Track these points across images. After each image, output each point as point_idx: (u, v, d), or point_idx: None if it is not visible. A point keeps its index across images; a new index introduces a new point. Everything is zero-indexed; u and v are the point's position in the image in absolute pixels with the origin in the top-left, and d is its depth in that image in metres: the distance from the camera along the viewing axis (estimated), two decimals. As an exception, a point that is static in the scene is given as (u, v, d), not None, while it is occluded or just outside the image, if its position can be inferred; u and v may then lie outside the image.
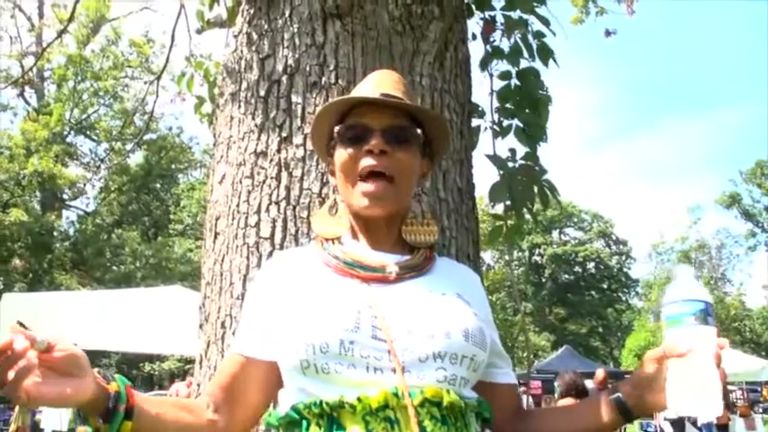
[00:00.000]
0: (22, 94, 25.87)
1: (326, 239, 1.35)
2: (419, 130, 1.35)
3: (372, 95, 1.33)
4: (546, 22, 2.50)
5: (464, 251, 1.90)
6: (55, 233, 25.07)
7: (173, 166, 29.73)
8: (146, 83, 22.52)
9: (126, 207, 28.53)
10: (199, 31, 3.11)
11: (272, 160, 1.86)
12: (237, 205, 1.88)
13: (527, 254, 45.22)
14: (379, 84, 1.37)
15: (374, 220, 1.33)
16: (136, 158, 28.04)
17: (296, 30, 1.96)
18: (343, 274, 1.27)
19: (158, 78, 4.56)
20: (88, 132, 27.57)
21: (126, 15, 25.84)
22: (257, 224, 1.82)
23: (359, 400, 1.10)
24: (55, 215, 25.16)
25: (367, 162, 1.29)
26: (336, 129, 1.35)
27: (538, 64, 2.55)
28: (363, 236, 1.35)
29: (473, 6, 2.46)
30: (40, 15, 25.11)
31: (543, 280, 45.19)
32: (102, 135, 27.10)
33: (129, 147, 25.42)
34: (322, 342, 1.14)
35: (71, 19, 6.00)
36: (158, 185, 30.01)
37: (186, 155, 29.71)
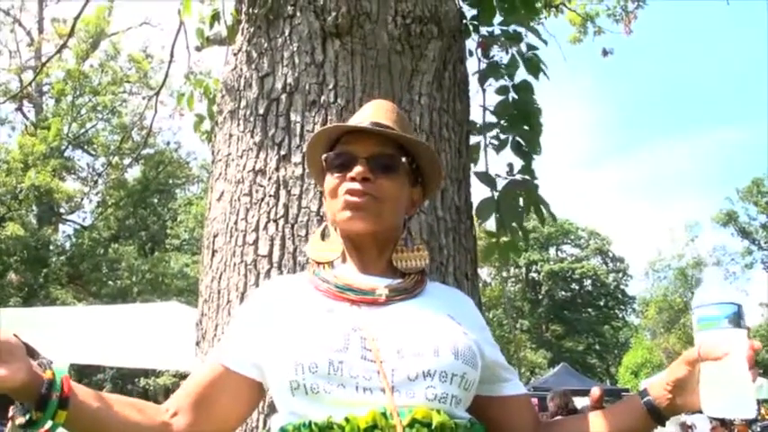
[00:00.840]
0: (20, 109, 25.91)
1: (319, 264, 1.36)
2: (405, 159, 1.36)
3: (362, 125, 1.35)
4: (537, 34, 2.53)
5: (462, 270, 1.90)
6: (51, 247, 24.99)
7: (170, 181, 29.71)
8: (144, 98, 22.58)
9: (123, 222, 28.44)
10: (198, 49, 3.13)
11: (270, 178, 1.87)
12: (236, 223, 1.88)
13: (524, 271, 45.17)
14: (372, 113, 1.39)
15: (361, 239, 1.34)
16: (133, 173, 28.03)
17: (295, 48, 1.98)
18: (333, 298, 1.27)
19: (157, 94, 4.58)
20: (86, 147, 27.56)
21: (125, 31, 25.94)
22: (255, 242, 1.82)
23: (347, 420, 1.10)
24: (51, 229, 25.10)
25: (350, 185, 1.31)
26: (324, 156, 1.38)
27: (531, 77, 2.57)
28: (354, 260, 1.36)
29: (470, 27, 2.49)
30: (40, 30, 25.18)
31: (540, 297, 45.09)
32: (99, 150, 27.11)
33: (126, 161, 25.42)
34: (311, 362, 1.14)
35: (71, 34, 6.01)
36: (155, 200, 29.93)
37: (184, 170, 29.70)
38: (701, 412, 1.18)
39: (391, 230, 1.38)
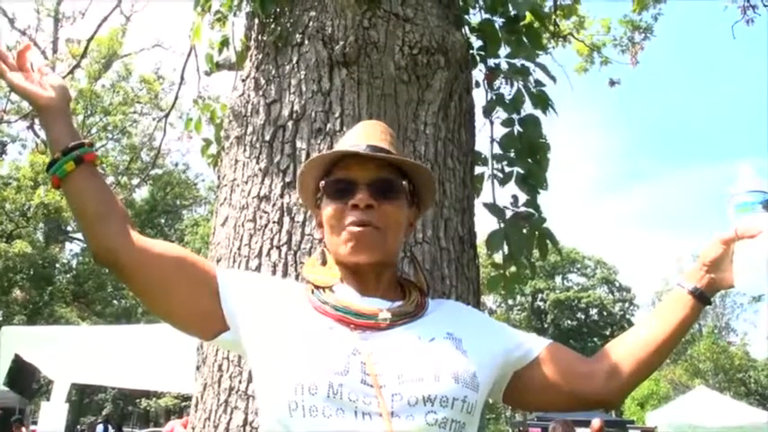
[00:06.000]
0: (31, 127, 26.12)
1: (317, 287, 1.34)
2: (405, 182, 1.36)
3: (358, 148, 1.33)
4: (546, 70, 2.52)
5: (465, 300, 1.89)
6: (57, 265, 25.06)
7: (177, 202, 29.87)
8: (154, 119, 22.76)
9: (129, 241, 28.47)
10: (208, 73, 3.16)
11: (274, 204, 1.87)
12: (239, 248, 1.88)
13: (529, 299, 44.96)
14: (366, 135, 1.37)
15: (361, 267, 1.32)
16: (141, 193, 28.20)
17: (303, 76, 1.99)
18: (334, 320, 1.26)
19: (167, 116, 4.63)
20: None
21: (138, 52, 26.24)
22: (258, 268, 1.82)
23: None
24: (58, 247, 25.19)
25: (354, 216, 1.29)
26: (322, 183, 1.36)
27: (538, 111, 2.56)
28: (352, 284, 1.34)
29: (477, 57, 2.50)
30: (54, 50, 25.49)
31: (545, 326, 44.79)
32: (108, 169, 27.27)
33: (135, 182, 25.55)
34: (311, 383, 1.14)
35: (84, 54, 6.09)
36: (162, 221, 30.08)
37: (191, 191, 29.87)
38: (732, 287, 1.31)
39: (393, 256, 1.38)
